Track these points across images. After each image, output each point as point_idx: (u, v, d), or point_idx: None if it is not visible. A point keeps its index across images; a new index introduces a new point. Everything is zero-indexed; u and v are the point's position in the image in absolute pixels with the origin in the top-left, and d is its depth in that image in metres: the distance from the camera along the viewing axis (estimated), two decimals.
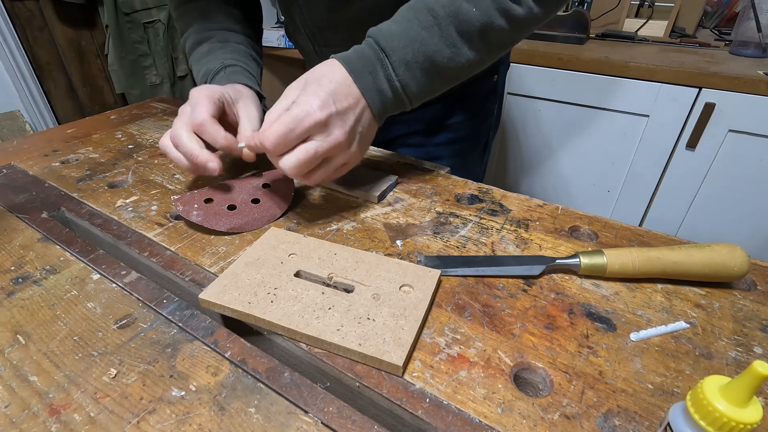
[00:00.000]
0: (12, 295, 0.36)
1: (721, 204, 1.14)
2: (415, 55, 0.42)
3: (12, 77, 1.55)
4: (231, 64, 0.56)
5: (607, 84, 1.14)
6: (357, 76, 0.41)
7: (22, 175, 0.55)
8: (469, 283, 0.38)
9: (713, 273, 0.36)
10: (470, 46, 0.43)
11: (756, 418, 0.20)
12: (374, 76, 0.42)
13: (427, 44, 0.41)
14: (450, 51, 0.42)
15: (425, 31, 0.41)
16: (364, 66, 0.41)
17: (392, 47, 0.41)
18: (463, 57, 0.43)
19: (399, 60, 0.42)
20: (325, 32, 0.62)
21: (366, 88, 0.41)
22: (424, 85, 0.44)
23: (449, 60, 0.42)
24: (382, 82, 0.42)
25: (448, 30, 0.41)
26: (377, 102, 0.42)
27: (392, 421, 0.29)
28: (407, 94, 0.43)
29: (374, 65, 0.42)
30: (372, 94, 0.42)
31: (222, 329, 0.33)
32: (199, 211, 0.44)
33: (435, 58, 0.42)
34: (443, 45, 0.42)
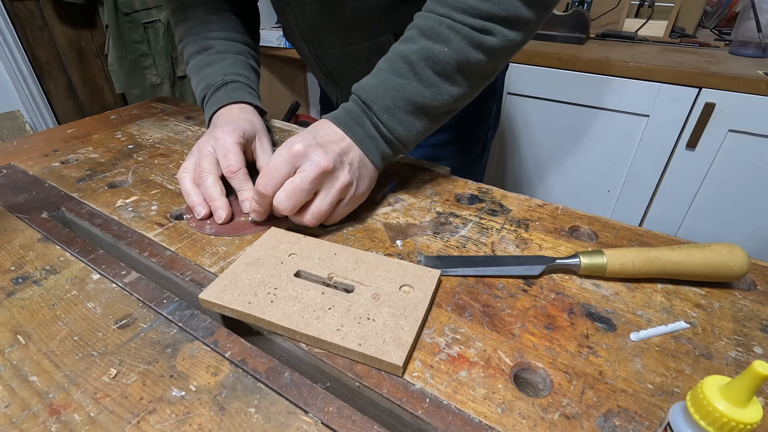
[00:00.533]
0: (12, 295, 0.36)
1: (721, 204, 1.14)
2: (395, 101, 0.43)
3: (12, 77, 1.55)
4: (232, 80, 0.56)
5: (607, 84, 1.14)
6: (347, 128, 0.43)
7: (22, 175, 0.55)
8: (469, 283, 0.38)
9: (713, 273, 0.36)
10: (451, 83, 0.44)
11: (756, 418, 0.20)
12: (362, 125, 0.44)
13: (405, 89, 0.43)
14: (430, 91, 0.43)
15: (401, 78, 0.43)
16: (352, 119, 0.44)
17: (372, 98, 0.43)
18: (446, 94, 0.44)
19: (380, 108, 0.43)
20: (319, 34, 0.62)
21: (357, 137, 0.43)
22: (412, 125, 0.45)
23: (432, 99, 0.44)
24: (370, 130, 0.44)
25: (425, 72, 0.43)
26: (371, 148, 0.44)
27: (392, 421, 0.29)
28: (397, 138, 0.45)
29: (361, 117, 0.44)
30: (365, 142, 0.44)
31: (222, 329, 0.33)
32: (212, 224, 0.45)
33: (416, 100, 0.43)
34: (422, 87, 0.43)
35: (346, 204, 0.43)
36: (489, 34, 0.42)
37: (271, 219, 0.46)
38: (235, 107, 0.54)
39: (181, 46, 0.63)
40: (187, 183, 0.47)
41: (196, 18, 0.61)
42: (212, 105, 0.55)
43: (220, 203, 0.45)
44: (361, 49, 0.61)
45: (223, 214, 0.45)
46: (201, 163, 0.47)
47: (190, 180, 0.47)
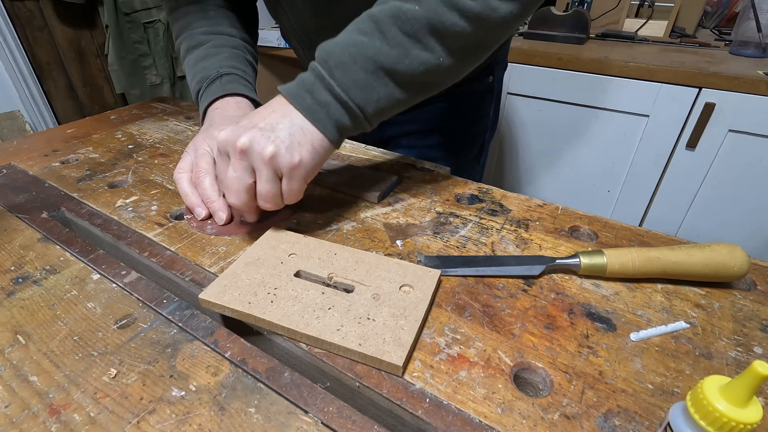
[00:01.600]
0: (12, 295, 0.36)
1: (721, 204, 1.14)
2: (353, 57, 0.39)
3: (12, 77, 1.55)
4: (227, 73, 0.56)
5: (607, 84, 1.14)
6: (293, 97, 0.39)
7: (22, 175, 0.55)
8: (469, 283, 0.38)
9: (713, 273, 0.36)
10: (423, 47, 0.39)
11: (756, 418, 0.20)
12: (311, 92, 0.39)
13: (367, 46, 0.39)
14: (395, 51, 0.39)
15: (364, 36, 0.39)
16: (302, 87, 0.40)
17: (328, 54, 0.39)
18: (414, 59, 0.39)
19: (335, 64, 0.39)
20: (312, 36, 0.62)
21: (305, 107, 0.39)
22: (372, 89, 0.39)
23: (397, 61, 0.39)
24: (322, 95, 0.39)
25: (390, 30, 0.39)
26: (321, 116, 0.39)
27: (392, 421, 0.29)
28: (354, 101, 0.39)
29: (312, 83, 0.39)
30: (313, 109, 0.39)
31: (222, 329, 0.33)
32: (213, 224, 0.45)
33: (378, 58, 0.39)
34: (386, 46, 0.39)
35: (286, 179, 0.39)
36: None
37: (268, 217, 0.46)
38: (231, 101, 0.53)
39: (178, 43, 0.63)
40: (184, 184, 0.47)
41: (192, 15, 0.61)
42: (207, 97, 0.54)
43: (219, 204, 0.45)
44: None
45: (223, 215, 0.44)
46: (198, 163, 0.47)
47: (188, 180, 0.47)
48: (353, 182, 0.51)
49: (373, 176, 0.52)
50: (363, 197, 0.50)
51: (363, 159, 0.59)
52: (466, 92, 0.68)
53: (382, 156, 0.60)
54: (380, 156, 0.60)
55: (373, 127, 0.43)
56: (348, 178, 0.52)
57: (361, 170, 0.54)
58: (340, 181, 0.51)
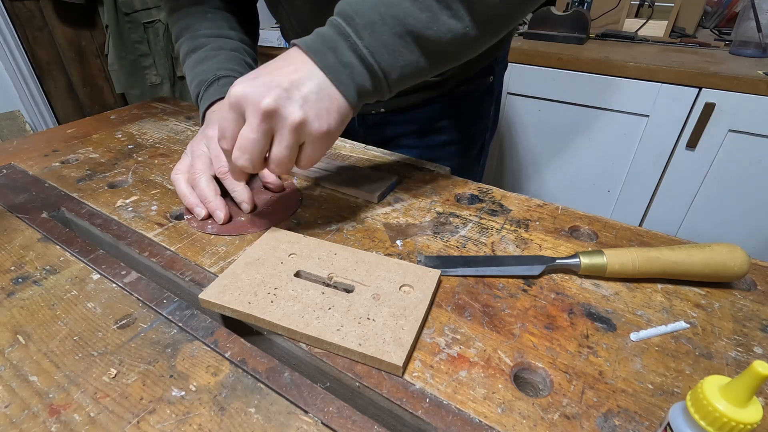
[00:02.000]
0: (12, 295, 0.36)
1: (721, 204, 1.14)
2: (382, 17, 0.36)
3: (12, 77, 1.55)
4: (224, 75, 0.56)
5: (607, 84, 1.14)
6: (315, 53, 0.36)
7: (22, 175, 0.55)
8: (469, 283, 0.38)
9: (713, 273, 0.36)
10: (451, 14, 0.37)
11: (756, 418, 0.20)
12: (335, 50, 0.36)
13: (396, 6, 0.36)
14: (425, 15, 0.37)
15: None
16: (323, 43, 0.37)
17: (355, 11, 0.36)
18: (442, 26, 0.37)
19: (364, 23, 0.36)
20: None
21: (327, 65, 0.36)
22: (400, 53, 0.37)
23: (426, 27, 0.37)
24: (346, 55, 0.36)
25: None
26: (344, 77, 0.37)
27: (392, 421, 0.29)
28: (379, 64, 0.37)
29: (335, 40, 0.37)
30: (336, 69, 0.36)
31: (222, 329, 0.33)
32: (214, 225, 0.45)
33: (407, 22, 0.36)
34: (415, 9, 0.36)
35: (310, 145, 0.37)
36: None
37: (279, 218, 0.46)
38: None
39: (177, 45, 0.63)
40: (182, 185, 0.47)
41: (191, 17, 0.61)
42: (205, 101, 0.54)
43: (216, 204, 0.45)
44: None
45: (221, 215, 0.44)
46: (194, 164, 0.47)
47: (185, 181, 0.47)
48: (353, 182, 0.51)
49: (373, 176, 0.52)
50: (363, 197, 0.50)
51: (363, 159, 0.59)
52: (467, 92, 0.68)
53: (382, 156, 0.60)
54: (380, 156, 0.60)
55: (391, 95, 0.41)
56: (348, 178, 0.52)
57: (361, 170, 0.54)
58: (340, 181, 0.51)
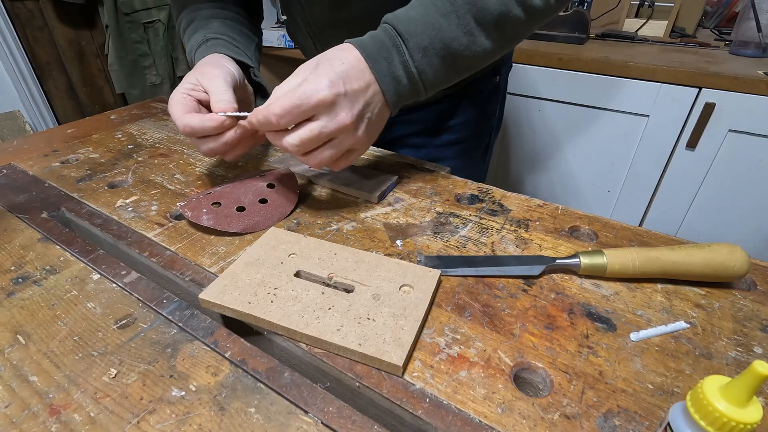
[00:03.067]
0: (12, 295, 0.36)
1: (721, 204, 1.14)
2: (432, 41, 0.41)
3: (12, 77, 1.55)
4: (213, 38, 0.55)
5: (607, 84, 1.14)
6: (372, 60, 0.40)
7: (22, 175, 0.55)
8: (469, 283, 0.38)
9: (713, 273, 0.36)
10: (486, 35, 0.42)
11: (756, 418, 0.20)
12: (389, 61, 0.41)
13: (445, 31, 0.41)
14: (467, 39, 0.41)
15: (443, 17, 0.40)
16: (379, 51, 0.41)
17: (409, 32, 0.40)
18: (479, 46, 0.42)
19: (416, 45, 0.41)
20: (326, 31, 0.62)
21: (380, 73, 0.40)
22: (440, 72, 0.42)
23: (466, 48, 0.42)
24: (397, 68, 0.41)
25: (466, 18, 0.40)
26: (391, 88, 0.41)
27: (392, 421, 0.29)
28: (423, 81, 0.42)
29: (390, 51, 0.41)
30: (386, 80, 0.41)
31: (222, 329, 0.33)
32: (209, 215, 0.44)
33: (452, 46, 0.41)
34: (460, 32, 0.41)
35: (354, 153, 0.43)
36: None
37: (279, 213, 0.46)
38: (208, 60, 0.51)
39: (178, 23, 0.62)
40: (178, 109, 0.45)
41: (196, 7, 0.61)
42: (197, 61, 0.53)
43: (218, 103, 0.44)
44: None
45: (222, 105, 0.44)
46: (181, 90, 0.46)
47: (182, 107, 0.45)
48: (353, 182, 0.51)
49: (373, 176, 0.52)
50: (363, 197, 0.50)
51: (363, 159, 0.59)
52: (473, 92, 0.68)
53: (382, 156, 0.60)
54: (380, 156, 0.60)
55: None
56: (348, 178, 0.52)
57: (361, 170, 0.54)
58: (340, 181, 0.51)
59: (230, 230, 0.43)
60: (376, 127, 0.43)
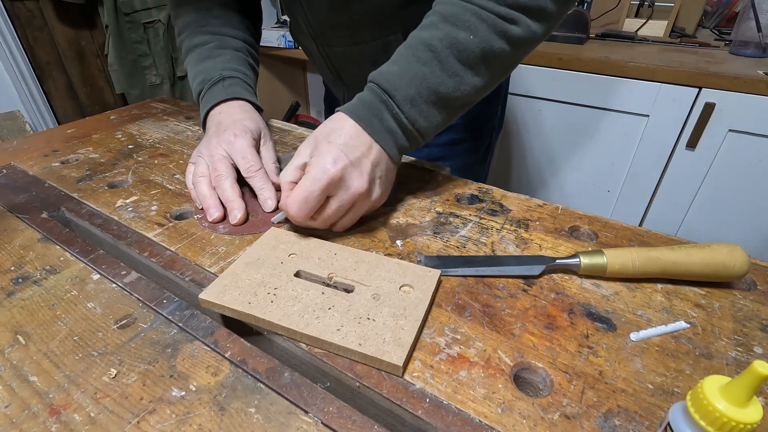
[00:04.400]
0: (12, 295, 0.36)
1: (721, 204, 1.14)
2: (418, 90, 0.42)
3: (12, 77, 1.55)
4: (229, 76, 0.56)
5: (607, 84, 1.14)
6: (365, 123, 0.41)
7: (22, 175, 0.55)
8: (469, 283, 0.38)
9: (713, 273, 0.36)
10: (474, 73, 0.42)
11: (756, 418, 0.20)
12: (380, 118, 0.42)
13: (429, 78, 0.41)
14: (453, 81, 0.42)
15: (425, 66, 0.41)
16: (369, 111, 0.42)
17: (394, 87, 0.42)
18: (467, 85, 0.43)
19: (403, 98, 0.42)
20: (327, 32, 0.62)
21: (375, 131, 0.42)
22: (433, 117, 0.43)
23: (454, 89, 0.42)
24: (390, 122, 0.42)
25: (449, 61, 0.41)
26: (390, 142, 0.43)
27: (392, 421, 0.29)
28: (418, 130, 0.43)
29: (379, 108, 0.42)
30: (383, 136, 0.42)
31: (222, 329, 0.33)
32: (225, 224, 0.46)
33: (439, 90, 0.42)
34: (445, 76, 0.42)
35: (356, 212, 0.43)
36: (514, 23, 0.41)
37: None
38: (235, 105, 0.54)
39: (180, 39, 0.63)
40: (203, 187, 0.48)
41: (196, 12, 0.61)
42: (209, 100, 0.55)
43: (237, 204, 0.46)
44: (369, 47, 0.61)
45: (239, 215, 0.45)
46: (217, 167, 0.48)
47: (207, 183, 0.48)
48: None
49: None
50: None
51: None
52: None
53: None
54: None
55: None
56: None
57: None
58: None
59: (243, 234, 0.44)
60: (388, 183, 0.44)
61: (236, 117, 0.53)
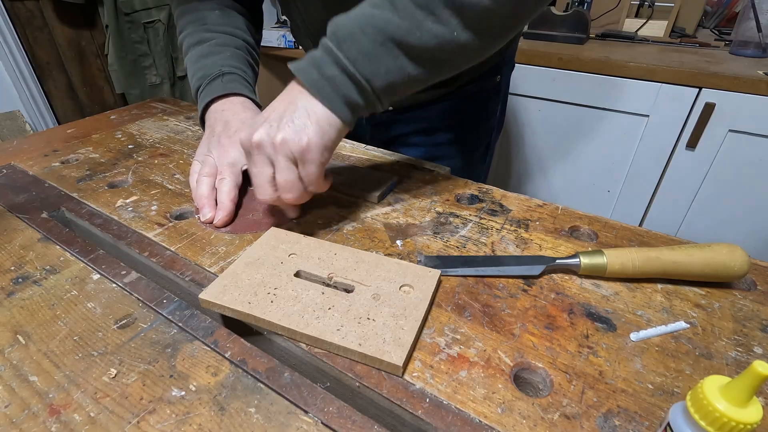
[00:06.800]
0: (12, 295, 0.36)
1: (721, 204, 1.14)
2: (362, 28, 0.37)
3: (12, 77, 1.55)
4: (228, 72, 0.56)
5: (607, 84, 1.14)
6: (302, 73, 0.39)
7: (22, 175, 0.55)
8: (469, 283, 0.38)
9: (713, 273, 0.36)
10: (435, 19, 0.37)
11: (756, 418, 0.20)
12: (319, 67, 0.39)
13: (376, 17, 0.37)
14: (406, 23, 0.37)
15: (375, 8, 0.38)
16: (310, 63, 0.39)
17: (337, 27, 0.39)
18: (426, 31, 0.37)
19: (344, 35, 0.38)
20: (322, 32, 0.62)
21: (311, 81, 0.39)
22: (380, 61, 0.38)
23: (408, 33, 0.37)
24: (330, 69, 0.38)
25: (402, 2, 0.37)
26: (328, 91, 0.38)
27: (392, 421, 0.29)
28: (362, 74, 0.38)
29: (320, 58, 0.39)
30: (320, 84, 0.38)
31: (222, 329, 0.33)
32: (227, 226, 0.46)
33: (387, 29, 0.37)
34: (396, 17, 0.37)
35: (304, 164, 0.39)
36: None
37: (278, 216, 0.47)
38: (237, 102, 0.54)
39: (181, 37, 0.63)
40: (205, 187, 0.48)
41: (198, 11, 0.61)
42: (207, 95, 0.54)
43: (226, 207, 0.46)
44: None
45: (222, 215, 0.45)
46: (223, 171, 0.48)
47: (209, 185, 0.48)
48: (353, 182, 0.51)
49: (373, 176, 0.52)
50: (363, 197, 0.50)
51: (363, 159, 0.59)
52: (474, 91, 0.68)
53: (382, 156, 0.60)
54: (380, 156, 0.60)
55: (385, 106, 0.42)
56: (348, 178, 0.52)
57: (361, 170, 0.54)
58: (340, 181, 0.51)
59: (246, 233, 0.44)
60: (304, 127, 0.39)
61: (242, 117, 0.52)
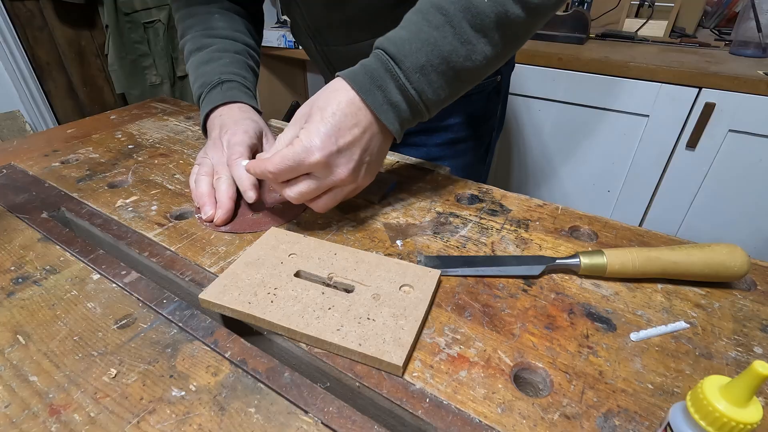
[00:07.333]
0: (12, 295, 0.36)
1: (721, 204, 1.14)
2: (429, 58, 0.38)
3: (12, 77, 1.55)
4: (228, 80, 0.56)
5: (607, 84, 1.14)
6: (365, 94, 0.39)
7: (22, 175, 0.55)
8: (469, 283, 0.38)
9: (713, 273, 0.36)
10: (486, 41, 0.39)
11: (756, 418, 0.20)
12: (384, 89, 0.39)
13: (441, 45, 0.38)
14: (465, 49, 0.39)
15: (437, 31, 0.38)
16: (372, 81, 0.39)
17: (403, 53, 0.39)
18: (479, 54, 0.40)
19: (412, 66, 0.39)
20: (324, 31, 0.62)
21: (376, 104, 0.39)
22: (441, 89, 0.40)
23: (465, 58, 0.39)
24: (393, 94, 0.39)
25: (461, 26, 0.38)
26: (390, 117, 0.40)
27: (392, 421, 0.29)
28: (425, 103, 0.40)
29: (383, 78, 0.39)
30: (384, 109, 0.39)
31: (222, 329, 0.33)
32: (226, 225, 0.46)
33: (451, 59, 0.39)
34: (458, 43, 0.39)
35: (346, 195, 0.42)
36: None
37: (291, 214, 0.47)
38: (234, 108, 0.55)
39: (182, 42, 0.63)
40: (204, 185, 0.48)
41: (198, 15, 0.62)
42: (208, 104, 0.55)
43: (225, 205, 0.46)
44: (366, 46, 0.61)
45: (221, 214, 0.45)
46: (218, 170, 0.49)
47: (208, 183, 0.48)
48: None
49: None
50: (363, 197, 0.50)
51: None
52: (474, 91, 0.68)
53: None
54: None
55: None
56: None
57: None
58: None
59: (246, 232, 0.45)
60: (376, 164, 0.43)
61: (236, 118, 0.53)
